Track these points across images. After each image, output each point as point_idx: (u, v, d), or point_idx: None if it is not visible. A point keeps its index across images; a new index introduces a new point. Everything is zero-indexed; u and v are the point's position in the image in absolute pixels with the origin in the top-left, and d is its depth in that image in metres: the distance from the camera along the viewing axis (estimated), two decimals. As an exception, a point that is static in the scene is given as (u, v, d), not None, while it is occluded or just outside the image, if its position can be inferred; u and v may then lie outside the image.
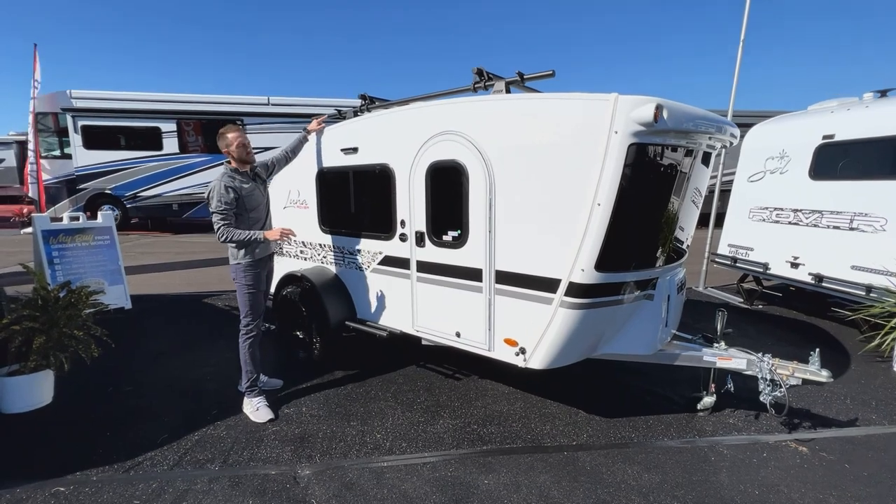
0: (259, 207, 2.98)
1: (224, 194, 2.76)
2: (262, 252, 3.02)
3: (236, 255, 2.93)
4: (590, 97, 2.38)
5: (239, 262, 2.92)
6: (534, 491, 2.25)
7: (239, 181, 2.87)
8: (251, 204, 2.91)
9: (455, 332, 2.99)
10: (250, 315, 2.97)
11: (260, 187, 3.03)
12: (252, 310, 2.98)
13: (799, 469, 2.46)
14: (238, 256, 2.93)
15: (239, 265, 2.93)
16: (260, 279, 3.01)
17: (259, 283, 3.00)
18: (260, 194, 3.01)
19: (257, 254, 2.97)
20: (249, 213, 2.92)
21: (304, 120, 10.96)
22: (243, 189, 2.86)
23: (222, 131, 2.89)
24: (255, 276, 2.96)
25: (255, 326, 3.01)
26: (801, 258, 4.84)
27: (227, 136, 2.88)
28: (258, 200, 2.98)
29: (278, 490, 2.23)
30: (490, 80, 2.93)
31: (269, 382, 3.33)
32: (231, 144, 2.87)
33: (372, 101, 3.80)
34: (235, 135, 2.88)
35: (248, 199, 2.88)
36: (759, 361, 2.74)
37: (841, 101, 5.14)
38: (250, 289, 2.95)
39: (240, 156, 2.90)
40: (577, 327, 2.52)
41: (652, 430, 2.83)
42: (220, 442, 2.64)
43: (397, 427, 2.83)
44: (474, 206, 2.76)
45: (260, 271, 3.00)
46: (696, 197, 3.03)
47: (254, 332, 3.00)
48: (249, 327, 2.98)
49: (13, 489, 2.19)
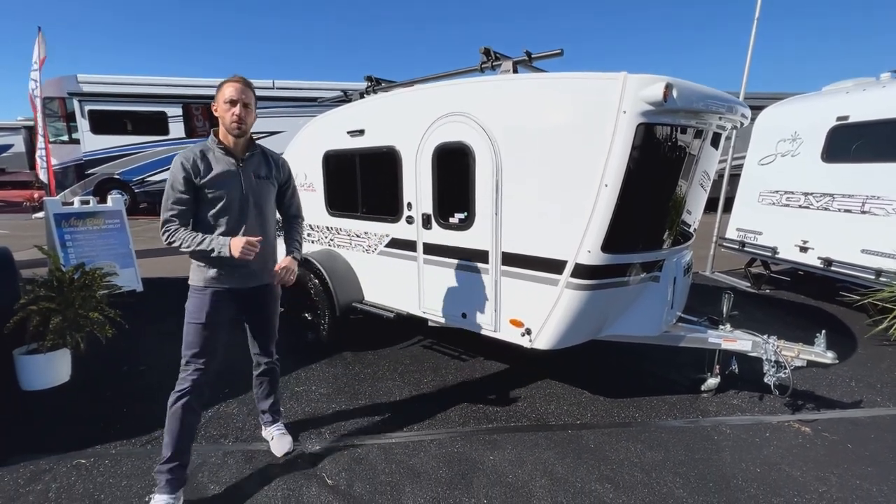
0: (233, 205, 1.98)
1: (175, 172, 1.89)
2: (227, 274, 2.01)
3: (190, 269, 2.03)
4: (598, 76, 2.35)
5: (189, 283, 2.04)
6: (538, 467, 2.30)
7: (210, 158, 1.95)
8: (215, 194, 1.94)
9: (461, 314, 3.02)
10: (187, 352, 1.99)
11: (251, 178, 2.04)
12: (189, 343, 1.99)
13: (801, 448, 2.48)
14: (191, 272, 2.03)
15: (189, 286, 2.04)
16: (210, 311, 1.99)
17: (211, 315, 2.00)
18: (240, 186, 1.99)
19: (214, 275, 1.98)
20: (210, 209, 1.95)
21: (309, 103, 10.97)
22: (210, 170, 1.92)
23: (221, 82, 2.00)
24: (206, 305, 1.98)
25: (199, 377, 1.98)
26: (811, 242, 4.80)
27: (218, 90, 1.97)
28: (232, 195, 1.97)
29: (289, 464, 2.29)
30: (497, 60, 2.90)
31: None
32: (217, 101, 1.96)
33: (378, 82, 3.78)
34: (232, 90, 1.93)
35: (211, 186, 1.92)
36: (764, 343, 2.75)
37: (857, 81, 5.01)
38: (193, 320, 1.99)
39: (224, 120, 1.96)
40: (582, 308, 2.54)
41: (656, 410, 2.86)
42: (232, 418, 2.72)
43: (404, 405, 2.89)
44: (481, 188, 2.76)
45: (216, 302, 2.01)
46: (705, 180, 3.00)
47: (188, 386, 1.97)
48: (181, 376, 1.99)
49: (37, 461, 2.28)
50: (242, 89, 1.96)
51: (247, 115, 1.97)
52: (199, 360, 2.00)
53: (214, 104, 1.99)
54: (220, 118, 1.98)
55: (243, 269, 2.04)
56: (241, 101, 1.94)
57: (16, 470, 2.21)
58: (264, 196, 2.10)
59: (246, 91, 1.97)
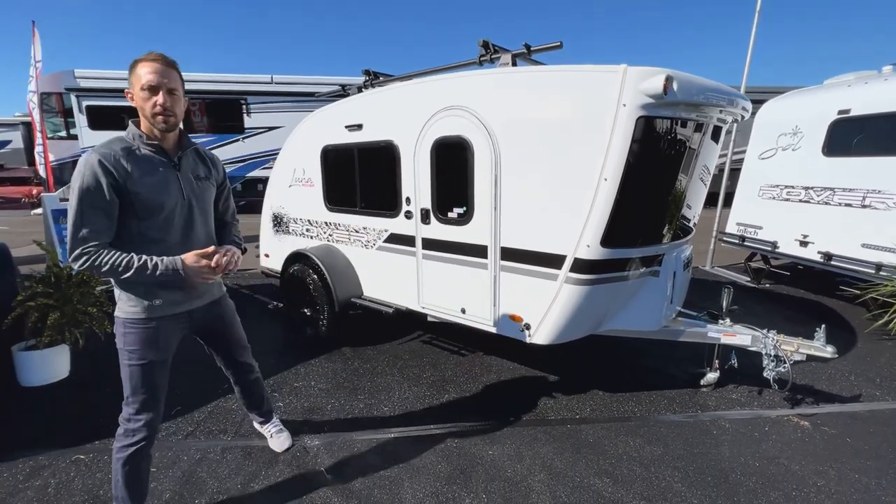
0: (174, 215, 1.62)
1: (89, 177, 1.46)
2: (177, 297, 1.68)
3: (118, 297, 1.63)
4: (598, 69, 2.33)
5: (118, 316, 1.63)
6: (537, 461, 2.30)
7: (137, 157, 1.55)
8: (152, 202, 1.56)
9: (460, 309, 3.01)
10: (132, 399, 1.65)
11: (191, 181, 1.69)
12: (136, 389, 1.64)
13: (800, 442, 2.49)
14: (121, 301, 1.63)
15: (118, 321, 1.63)
16: (161, 346, 1.67)
17: (162, 350, 1.68)
18: (180, 191, 1.64)
19: (161, 302, 1.64)
20: (144, 222, 1.57)
21: (307, 98, 10.92)
22: (142, 173, 1.54)
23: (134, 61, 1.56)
24: (154, 340, 1.65)
25: (144, 426, 1.65)
26: (811, 236, 4.79)
27: (131, 72, 1.54)
28: (172, 203, 1.61)
29: (288, 460, 2.29)
30: (496, 53, 2.87)
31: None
32: (132, 87, 1.55)
33: (376, 76, 3.75)
34: (150, 73, 1.50)
35: (146, 193, 1.54)
36: (763, 338, 2.75)
37: (858, 74, 4.98)
38: (139, 360, 1.63)
39: (144, 111, 1.55)
40: (581, 303, 2.53)
41: (655, 404, 2.86)
42: (231, 414, 2.72)
43: (404, 401, 2.89)
44: (480, 183, 2.74)
45: (166, 334, 1.68)
46: (705, 174, 2.98)
47: (135, 438, 1.65)
48: (129, 425, 1.66)
49: (35, 456, 2.28)
50: (163, 70, 1.53)
51: (174, 103, 1.56)
52: (152, 405, 1.66)
53: (129, 91, 1.57)
54: (138, 109, 1.57)
55: (192, 288, 1.71)
56: (163, 88, 1.53)
57: (15, 466, 2.22)
58: (207, 201, 1.77)
59: (168, 73, 1.54)
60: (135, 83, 1.54)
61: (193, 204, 1.69)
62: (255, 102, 11.50)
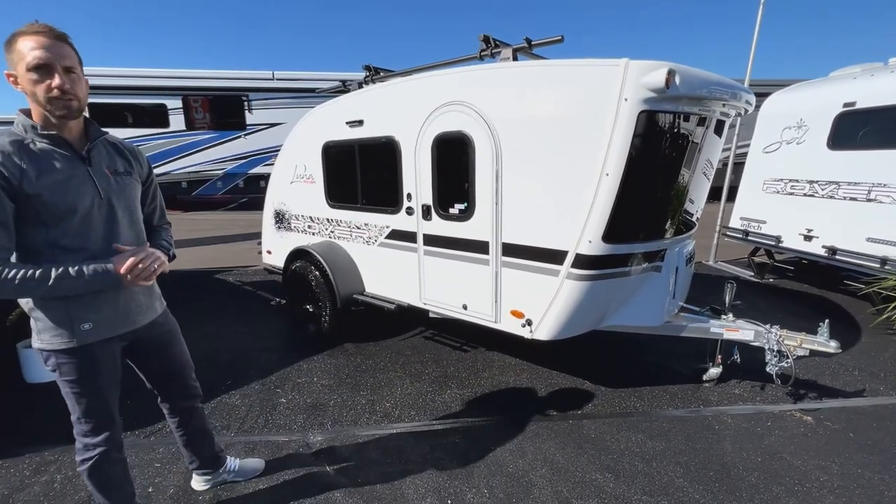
0: (92, 218, 1.39)
1: None
2: (111, 314, 1.46)
3: (36, 326, 1.41)
4: (599, 63, 2.31)
5: (43, 349, 1.41)
6: (539, 456, 2.30)
7: (33, 152, 1.31)
8: (61, 205, 1.32)
9: (462, 305, 3.01)
10: (85, 421, 1.51)
11: (106, 177, 1.45)
12: (88, 413, 1.50)
13: (802, 437, 2.48)
14: (38, 330, 1.40)
15: (45, 354, 1.42)
16: (103, 372, 1.48)
17: (107, 375, 1.50)
18: (94, 190, 1.40)
19: (90, 325, 1.41)
20: (54, 229, 1.33)
21: (308, 94, 10.89)
22: (42, 171, 1.30)
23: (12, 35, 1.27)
24: (93, 367, 1.46)
25: (104, 440, 1.53)
26: (815, 231, 4.75)
27: (8, 49, 1.27)
28: (85, 203, 1.37)
29: (292, 455, 2.31)
30: (497, 48, 2.85)
31: (244, 468, 2.12)
32: (15, 67, 1.27)
33: (376, 71, 3.74)
34: (37, 48, 1.24)
35: (51, 194, 1.30)
36: (766, 333, 2.74)
37: (864, 66, 4.92)
38: (80, 389, 1.46)
39: (37, 97, 1.28)
40: (583, 299, 2.53)
41: (657, 400, 2.86)
42: (234, 410, 2.73)
43: (406, 396, 2.89)
44: (481, 178, 2.73)
45: (105, 359, 1.48)
46: (708, 168, 2.96)
47: (96, 451, 1.53)
48: (86, 441, 1.53)
49: (42, 452, 2.30)
50: (53, 45, 1.25)
51: (73, 84, 1.30)
52: (107, 424, 1.54)
53: (10, 73, 1.28)
54: (27, 95, 1.29)
55: (128, 303, 1.50)
56: (58, 66, 1.26)
57: (21, 461, 2.24)
58: (131, 198, 1.52)
59: (61, 47, 1.27)
60: (17, 62, 1.25)
61: (114, 203, 1.44)
62: (257, 99, 11.49)
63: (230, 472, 2.09)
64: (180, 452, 2.01)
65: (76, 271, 1.32)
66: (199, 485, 2.06)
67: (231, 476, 2.09)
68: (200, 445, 1.97)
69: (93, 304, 1.42)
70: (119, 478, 1.63)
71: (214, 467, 2.04)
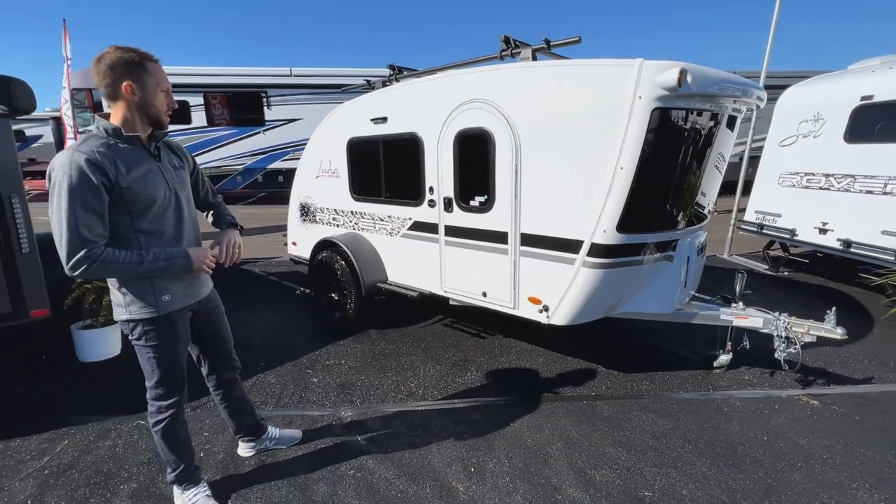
0: (166, 208, 1.65)
1: (78, 177, 1.42)
2: (184, 289, 1.73)
3: (123, 300, 1.63)
4: (615, 62, 2.43)
5: (132, 318, 1.64)
6: (555, 432, 2.47)
7: (121, 152, 1.53)
8: (145, 197, 1.56)
9: (482, 292, 3.18)
10: (161, 386, 1.76)
11: (171, 172, 1.70)
12: (164, 378, 1.74)
13: (809, 420, 2.59)
14: (126, 303, 1.63)
15: (132, 324, 1.65)
16: (181, 339, 1.76)
17: (183, 342, 1.78)
18: (165, 183, 1.65)
19: (170, 298, 1.67)
20: (138, 217, 1.57)
21: (327, 90, 11.11)
22: (131, 168, 1.53)
23: (100, 55, 1.50)
24: (174, 335, 1.72)
25: (175, 402, 1.79)
26: (831, 224, 4.79)
27: (143, 70, 1.54)
28: (160, 195, 1.62)
29: (326, 426, 2.51)
30: (517, 48, 2.99)
31: (283, 436, 2.36)
32: (145, 84, 1.55)
33: (400, 70, 3.89)
34: (161, 72, 1.61)
35: (138, 188, 1.54)
36: (775, 320, 2.85)
37: (884, 59, 4.90)
38: (161, 353, 1.71)
39: (158, 109, 1.61)
40: (598, 286, 2.67)
41: (668, 383, 2.99)
42: (270, 388, 2.95)
43: (428, 378, 3.08)
44: (501, 172, 2.88)
45: (181, 326, 1.75)
46: (720, 162, 3.06)
47: (168, 413, 1.79)
48: (160, 403, 1.78)
49: (102, 421, 2.55)
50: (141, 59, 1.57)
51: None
52: (179, 386, 1.81)
53: (129, 83, 1.52)
54: (143, 103, 1.57)
55: (195, 279, 1.79)
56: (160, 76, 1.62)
57: (85, 428, 2.49)
58: (188, 190, 1.81)
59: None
60: (149, 82, 1.56)
61: (179, 193, 1.72)
62: (275, 95, 11.74)
63: (272, 439, 2.32)
64: (225, 423, 2.25)
65: (164, 255, 1.61)
66: (245, 451, 2.29)
67: (273, 444, 2.32)
68: (242, 414, 2.21)
69: (171, 279, 1.69)
70: (185, 437, 1.91)
71: (257, 434, 2.28)
